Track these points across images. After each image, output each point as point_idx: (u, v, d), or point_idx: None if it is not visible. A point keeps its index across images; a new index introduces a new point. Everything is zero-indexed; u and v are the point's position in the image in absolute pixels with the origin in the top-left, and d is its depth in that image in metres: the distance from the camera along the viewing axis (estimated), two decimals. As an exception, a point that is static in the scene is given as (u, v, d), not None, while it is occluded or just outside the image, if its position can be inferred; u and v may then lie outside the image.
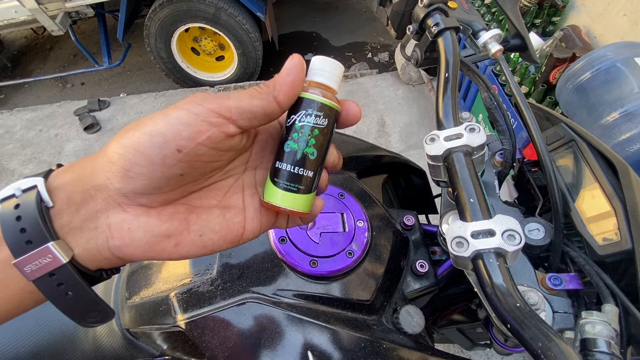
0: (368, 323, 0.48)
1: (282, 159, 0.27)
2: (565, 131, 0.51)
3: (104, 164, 0.22)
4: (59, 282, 0.22)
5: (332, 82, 0.28)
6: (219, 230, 0.26)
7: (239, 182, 0.28)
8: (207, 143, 0.23)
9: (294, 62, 0.25)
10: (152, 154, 0.22)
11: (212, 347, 0.43)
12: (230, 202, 0.28)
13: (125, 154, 0.22)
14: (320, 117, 0.27)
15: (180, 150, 0.22)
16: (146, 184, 0.22)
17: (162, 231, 0.24)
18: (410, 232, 0.60)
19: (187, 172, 0.24)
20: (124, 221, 0.23)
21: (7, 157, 2.37)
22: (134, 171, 0.22)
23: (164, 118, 0.22)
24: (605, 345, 0.32)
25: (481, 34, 0.51)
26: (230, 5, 2.19)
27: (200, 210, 0.26)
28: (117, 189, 0.22)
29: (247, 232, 0.28)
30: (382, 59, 2.89)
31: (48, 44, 3.45)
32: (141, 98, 2.64)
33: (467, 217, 0.35)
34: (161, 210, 0.24)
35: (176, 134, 0.22)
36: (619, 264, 0.40)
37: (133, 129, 0.22)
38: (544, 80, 1.45)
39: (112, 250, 0.23)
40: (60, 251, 0.21)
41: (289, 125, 0.27)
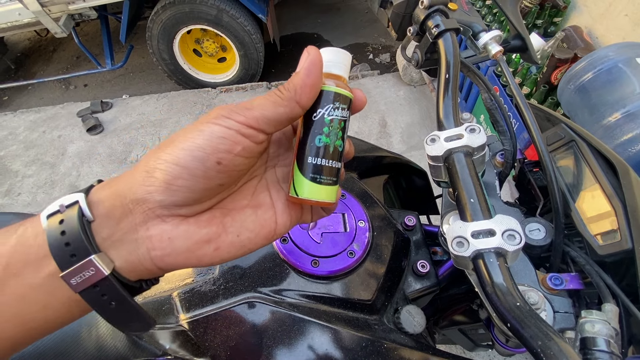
0: (369, 323, 0.48)
1: (315, 154, 0.27)
2: (565, 132, 0.51)
3: (144, 179, 0.23)
4: (102, 293, 0.23)
5: (345, 72, 0.28)
6: (253, 228, 0.27)
7: (262, 181, 0.29)
8: (243, 153, 0.24)
9: (312, 61, 0.25)
10: (194, 167, 0.23)
11: (215, 347, 0.44)
12: (259, 201, 0.29)
13: (166, 169, 0.23)
14: (345, 110, 0.28)
15: (220, 162, 0.23)
16: (187, 196, 0.23)
17: (202, 237, 0.25)
18: (411, 232, 0.60)
19: (225, 182, 0.25)
20: (164, 231, 0.24)
21: (10, 159, 2.39)
22: (177, 184, 0.23)
23: (200, 134, 0.23)
24: (604, 344, 0.32)
25: (481, 35, 0.52)
26: (232, 7, 2.20)
27: (234, 212, 0.27)
28: (157, 202, 0.23)
29: (279, 226, 0.29)
30: (383, 60, 2.89)
31: (51, 46, 3.48)
32: (143, 99, 2.65)
33: (468, 217, 0.35)
34: (198, 217, 0.25)
35: (215, 148, 0.23)
36: (620, 263, 0.40)
37: (170, 146, 0.23)
38: (545, 80, 1.45)
39: (154, 260, 0.24)
40: (102, 264, 0.22)
41: (317, 119, 0.27)
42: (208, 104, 2.55)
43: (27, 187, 2.20)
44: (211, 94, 2.62)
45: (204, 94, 2.62)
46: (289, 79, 0.26)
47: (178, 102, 2.59)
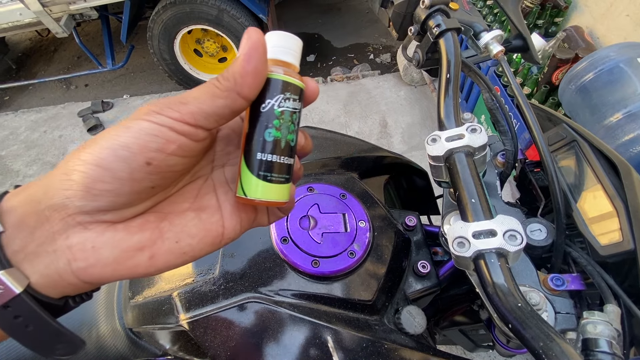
0: (370, 323, 0.48)
1: (265, 149, 0.24)
2: (567, 132, 0.51)
3: (61, 182, 0.20)
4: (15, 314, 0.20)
5: (295, 60, 0.26)
6: (196, 233, 0.24)
7: (208, 182, 0.27)
8: (178, 152, 0.22)
9: (252, 44, 0.22)
10: (118, 169, 0.20)
11: (215, 347, 0.43)
12: (203, 203, 0.26)
13: (86, 171, 0.20)
14: (297, 101, 0.25)
15: (150, 162, 0.21)
16: (112, 200, 0.21)
17: (133, 244, 0.22)
18: (412, 232, 0.60)
19: (158, 184, 0.22)
20: (86, 240, 0.21)
21: (11, 158, 2.39)
22: (98, 188, 0.20)
23: (127, 130, 0.20)
24: (606, 345, 0.31)
25: (482, 34, 0.52)
26: (232, 7, 2.20)
27: (172, 215, 0.24)
28: (77, 207, 0.20)
29: (227, 230, 0.26)
30: (384, 60, 2.89)
31: (52, 46, 3.48)
32: (144, 99, 2.66)
33: (469, 217, 0.35)
34: (129, 222, 0.22)
35: (143, 146, 0.20)
36: (622, 264, 0.40)
37: (92, 144, 0.21)
38: (546, 81, 1.45)
39: (76, 273, 0.21)
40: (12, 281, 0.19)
41: (266, 111, 0.24)
42: (209, 104, 2.55)
43: (28, 186, 2.21)
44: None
45: (205, 94, 2.62)
46: (229, 66, 0.22)
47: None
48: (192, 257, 0.25)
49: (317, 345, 0.43)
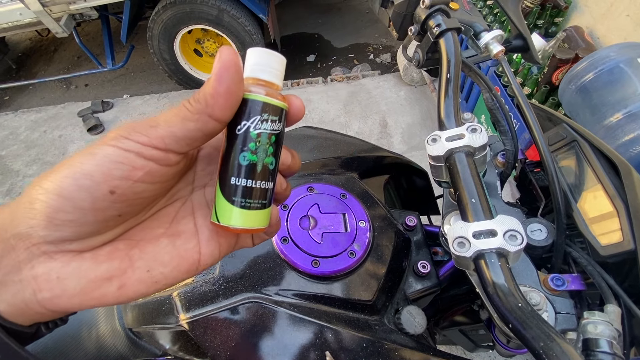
0: (370, 323, 0.48)
1: (240, 174, 0.23)
2: (567, 132, 0.51)
3: (25, 210, 0.20)
4: None
5: (278, 79, 0.24)
6: (169, 261, 0.23)
7: (187, 204, 0.26)
8: (147, 179, 0.21)
9: (224, 63, 0.20)
10: (79, 199, 0.19)
11: (215, 347, 0.43)
12: (179, 228, 0.25)
13: (47, 201, 0.19)
14: (276, 122, 0.24)
15: (114, 191, 0.20)
16: (76, 230, 0.20)
17: (100, 274, 0.21)
18: (412, 232, 0.60)
19: (125, 211, 0.21)
20: (51, 270, 0.20)
21: (11, 158, 2.39)
22: (60, 218, 0.19)
23: (91, 157, 0.20)
24: (607, 346, 0.31)
25: (483, 34, 0.52)
26: (232, 7, 2.20)
27: (143, 243, 0.23)
28: (41, 237, 0.20)
29: (203, 256, 0.25)
30: (384, 60, 2.89)
31: (52, 46, 3.48)
32: (144, 99, 2.66)
33: (469, 217, 0.35)
34: (96, 251, 0.22)
35: (107, 175, 0.20)
36: (622, 264, 0.40)
37: (55, 171, 0.20)
38: (546, 81, 1.45)
39: (42, 303, 0.20)
40: None
41: (241, 133, 0.23)
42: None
43: (28, 186, 2.21)
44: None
45: (205, 94, 2.62)
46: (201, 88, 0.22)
47: (179, 102, 2.53)
48: (165, 286, 0.24)
49: (317, 345, 0.43)
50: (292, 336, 0.44)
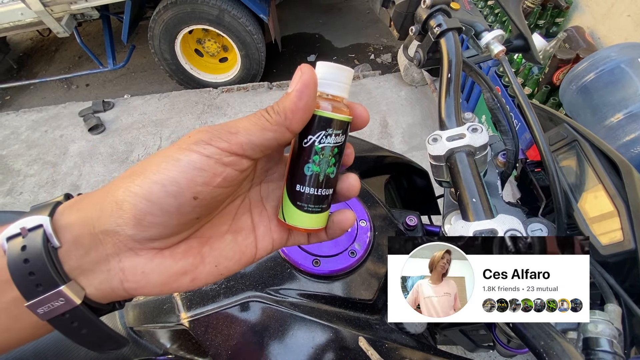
0: (370, 322, 0.48)
1: (304, 183, 0.26)
2: (568, 131, 0.51)
3: (113, 210, 0.21)
4: (72, 320, 0.22)
5: (344, 92, 0.26)
6: (232, 256, 0.26)
7: (245, 201, 0.28)
8: (223, 184, 0.22)
9: (305, 82, 0.22)
10: (167, 204, 0.21)
11: (216, 345, 0.44)
12: (240, 225, 0.27)
13: (137, 204, 0.21)
14: (340, 135, 0.26)
15: (197, 197, 0.22)
16: (160, 232, 0.22)
17: (177, 270, 0.24)
18: (412, 232, 0.60)
19: (203, 214, 0.24)
20: (137, 265, 0.23)
21: (12, 158, 2.39)
22: (148, 220, 0.21)
23: (176, 163, 0.21)
24: (607, 345, 0.31)
25: (483, 34, 0.52)
26: (233, 7, 2.20)
27: (212, 240, 0.26)
28: (129, 236, 0.22)
29: (259, 251, 0.27)
30: (384, 60, 2.89)
31: (53, 45, 3.49)
32: (145, 99, 2.66)
33: (470, 216, 0.35)
34: (174, 248, 0.24)
35: (191, 181, 0.21)
36: (623, 264, 0.40)
37: (142, 175, 0.21)
38: (547, 81, 1.45)
39: (128, 291, 0.23)
40: (72, 294, 0.21)
41: (307, 147, 0.25)
42: (209, 104, 2.55)
43: (29, 186, 2.21)
44: (212, 94, 2.62)
45: (206, 94, 2.62)
46: (279, 100, 0.23)
47: (179, 102, 2.60)
48: (226, 276, 0.26)
49: (318, 344, 0.43)
50: (293, 335, 0.44)
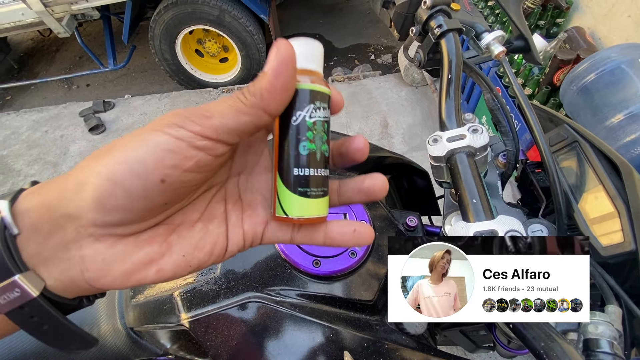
0: (370, 323, 0.48)
1: (303, 164, 0.23)
2: (568, 132, 0.51)
3: (74, 192, 0.20)
4: (31, 314, 0.20)
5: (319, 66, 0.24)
6: (203, 246, 0.24)
7: (221, 191, 0.26)
8: (195, 169, 0.21)
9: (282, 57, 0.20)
10: (132, 186, 0.19)
11: (216, 346, 0.44)
12: (212, 213, 0.25)
13: (100, 184, 0.19)
14: (327, 109, 0.24)
15: (164, 180, 0.20)
16: (124, 216, 0.20)
17: (141, 258, 0.22)
18: (413, 232, 0.60)
19: (171, 200, 0.22)
20: (97, 252, 0.21)
21: (13, 158, 2.40)
22: (110, 203, 0.20)
23: (143, 144, 0.20)
24: (608, 346, 0.31)
25: (484, 35, 0.52)
26: (234, 7, 2.20)
27: (181, 227, 0.24)
28: (89, 220, 0.20)
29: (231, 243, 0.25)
30: (385, 60, 2.89)
31: (54, 46, 3.49)
32: (145, 99, 2.66)
33: (470, 217, 0.35)
34: (138, 235, 0.22)
35: (159, 162, 0.20)
36: (623, 265, 0.40)
37: (107, 155, 0.20)
38: (547, 81, 1.45)
39: (89, 281, 0.21)
40: (28, 285, 0.20)
41: (297, 124, 0.23)
42: (210, 104, 2.56)
43: (29, 186, 2.21)
44: (213, 94, 2.62)
45: (206, 94, 2.63)
46: (255, 80, 0.21)
47: (180, 103, 2.60)
48: (197, 268, 0.24)
49: (318, 345, 0.43)
50: (293, 336, 0.44)
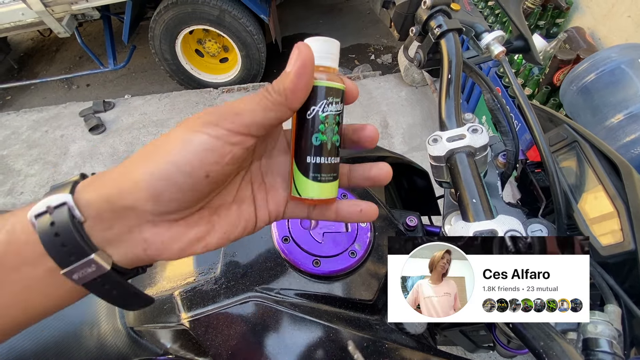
0: (370, 323, 0.48)
1: (315, 153, 0.27)
2: (568, 132, 0.51)
3: (131, 189, 0.24)
4: (103, 284, 0.25)
5: (335, 63, 0.28)
6: (238, 224, 0.29)
7: (247, 175, 0.30)
8: (231, 162, 0.25)
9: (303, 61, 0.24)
10: (182, 182, 0.23)
11: (216, 345, 0.44)
12: (242, 195, 0.29)
13: (154, 184, 0.23)
14: (339, 103, 0.27)
15: (209, 175, 0.24)
16: (177, 206, 0.25)
17: (192, 237, 0.26)
18: (412, 232, 0.60)
19: (215, 189, 0.26)
20: (156, 235, 0.25)
21: (13, 158, 2.40)
22: (165, 197, 0.24)
23: (187, 145, 0.23)
24: (607, 345, 0.32)
25: (484, 35, 0.52)
26: (234, 7, 2.20)
27: (220, 209, 0.28)
28: (148, 211, 0.24)
29: (259, 220, 0.30)
30: (385, 60, 2.89)
31: (54, 45, 3.49)
32: (145, 99, 2.66)
33: (470, 217, 0.35)
34: (188, 219, 0.26)
35: (202, 161, 0.23)
36: (622, 264, 0.40)
37: (156, 156, 0.24)
38: (547, 81, 1.45)
39: (150, 256, 0.26)
40: (102, 261, 0.24)
41: (312, 118, 0.27)
42: (210, 104, 2.56)
43: (29, 186, 2.21)
44: (213, 94, 2.62)
45: (206, 94, 2.63)
46: (279, 79, 0.25)
47: (180, 102, 2.60)
48: (234, 240, 0.29)
49: (318, 344, 0.43)
50: (293, 335, 0.44)
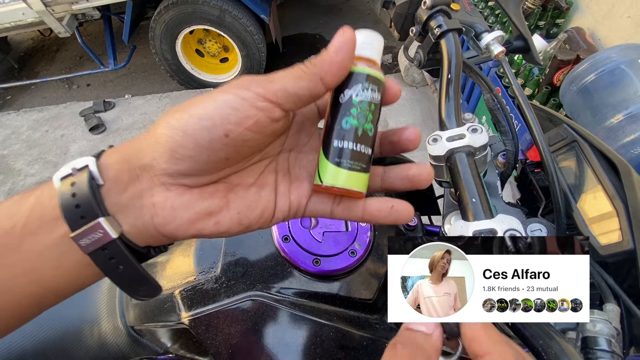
0: (370, 322, 0.48)
1: (342, 137, 0.25)
2: (567, 132, 0.51)
3: (151, 145, 0.23)
4: (110, 256, 0.24)
5: (377, 56, 0.27)
6: (255, 208, 0.27)
7: (273, 163, 0.29)
8: (254, 128, 0.23)
9: (344, 39, 0.24)
10: (200, 137, 0.22)
11: (216, 344, 0.44)
12: (265, 181, 0.28)
13: (172, 136, 0.22)
14: (376, 92, 0.26)
15: (228, 134, 0.23)
16: (192, 166, 0.23)
17: (204, 209, 0.25)
18: (412, 232, 0.60)
19: (232, 156, 0.24)
20: (167, 199, 0.24)
21: (13, 157, 2.40)
22: (181, 153, 0.23)
23: (212, 101, 0.23)
24: (606, 344, 0.32)
25: (484, 35, 0.52)
26: (234, 7, 2.20)
27: (238, 188, 0.27)
28: (162, 169, 0.23)
29: (277, 210, 0.28)
30: (385, 60, 2.89)
31: (54, 45, 3.49)
32: (146, 99, 2.66)
33: (470, 216, 0.35)
34: (203, 188, 0.25)
35: (224, 118, 0.23)
36: (621, 264, 0.40)
37: (181, 111, 0.23)
38: (547, 82, 1.45)
39: (157, 227, 0.24)
40: (110, 227, 0.23)
41: (345, 101, 0.26)
42: (210, 104, 2.56)
43: (29, 185, 2.21)
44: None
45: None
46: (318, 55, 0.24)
47: (180, 102, 2.57)
48: (247, 229, 0.27)
49: (318, 343, 0.44)
50: (293, 334, 0.44)
